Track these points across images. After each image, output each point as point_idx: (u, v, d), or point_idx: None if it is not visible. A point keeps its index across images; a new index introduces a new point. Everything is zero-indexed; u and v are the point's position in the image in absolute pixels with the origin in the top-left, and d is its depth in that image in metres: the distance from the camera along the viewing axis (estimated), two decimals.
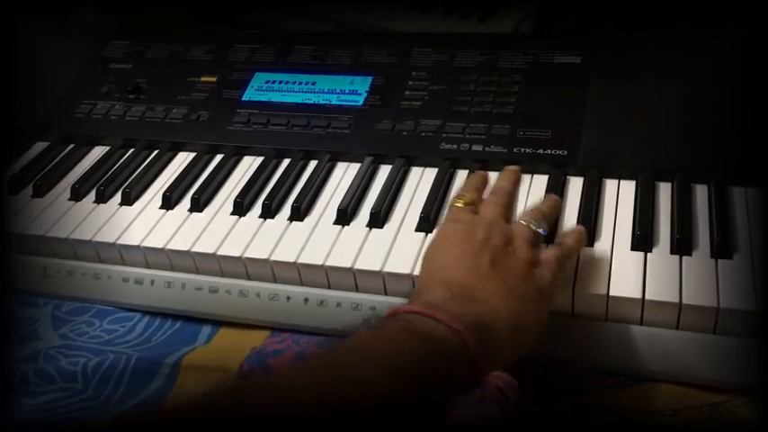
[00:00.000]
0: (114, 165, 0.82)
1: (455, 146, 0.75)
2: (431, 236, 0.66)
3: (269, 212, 0.72)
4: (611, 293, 0.59)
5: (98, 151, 0.85)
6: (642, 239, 0.63)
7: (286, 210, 0.72)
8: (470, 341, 0.47)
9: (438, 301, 0.50)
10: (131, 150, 0.84)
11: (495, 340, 0.49)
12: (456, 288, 0.51)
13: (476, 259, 0.53)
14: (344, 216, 0.70)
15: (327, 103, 0.82)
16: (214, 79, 0.88)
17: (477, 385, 0.49)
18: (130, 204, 0.76)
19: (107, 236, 0.72)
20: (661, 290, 0.58)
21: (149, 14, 1.15)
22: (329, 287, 0.66)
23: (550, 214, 0.61)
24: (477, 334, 0.48)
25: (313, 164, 0.78)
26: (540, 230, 0.58)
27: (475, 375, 0.48)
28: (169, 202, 0.75)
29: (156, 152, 0.83)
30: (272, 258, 0.67)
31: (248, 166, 0.80)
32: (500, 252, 0.54)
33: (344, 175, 0.76)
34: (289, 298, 0.67)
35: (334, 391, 0.42)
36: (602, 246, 0.63)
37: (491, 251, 0.54)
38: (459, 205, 0.60)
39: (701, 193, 0.67)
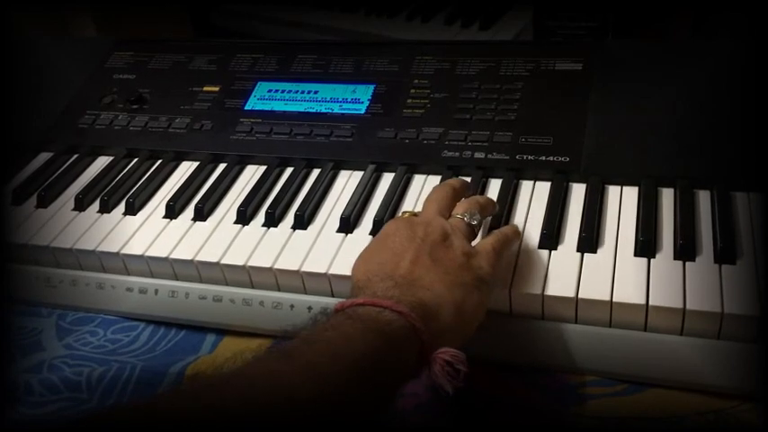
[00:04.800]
0: (118, 175, 0.83)
1: (457, 153, 0.75)
2: None
3: (272, 221, 0.72)
4: (615, 299, 0.59)
5: (102, 161, 0.86)
6: (645, 245, 0.63)
7: (289, 218, 0.73)
8: (416, 322, 0.49)
9: (381, 291, 0.52)
10: (135, 160, 0.84)
11: (439, 323, 0.51)
12: (399, 279, 0.53)
13: (416, 253, 0.55)
14: (347, 224, 0.70)
15: (330, 111, 0.83)
16: (217, 89, 0.88)
17: (427, 365, 0.50)
18: (134, 214, 0.77)
19: (111, 245, 0.72)
20: (665, 296, 0.58)
21: (148, 25, 1.16)
22: (332, 295, 0.66)
23: (485, 206, 0.63)
24: (422, 316, 0.50)
25: (316, 172, 0.78)
26: (473, 222, 0.60)
27: (424, 356, 0.50)
28: (172, 211, 0.76)
29: (159, 162, 0.83)
30: (276, 267, 0.67)
31: (251, 174, 0.80)
32: (438, 246, 0.56)
33: (347, 183, 0.77)
34: (292, 306, 0.67)
35: (291, 381, 0.44)
36: (605, 252, 0.63)
37: (429, 245, 0.56)
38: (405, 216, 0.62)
39: (703, 198, 0.67)
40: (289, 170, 0.79)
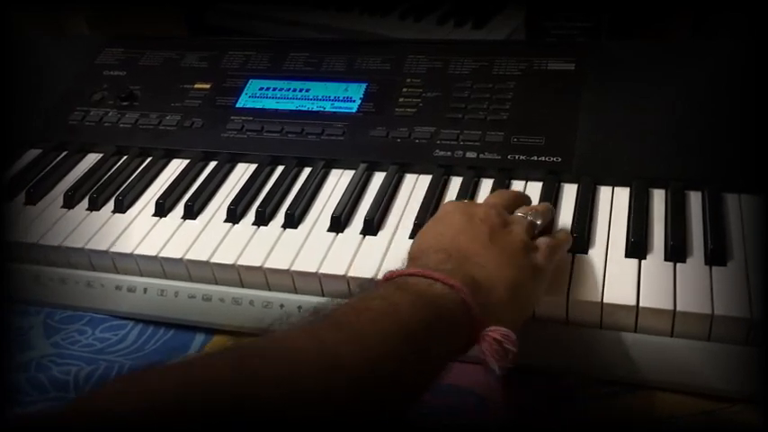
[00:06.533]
0: (107, 172, 0.82)
1: (449, 153, 0.75)
2: None
3: (263, 220, 0.72)
4: (606, 301, 0.59)
5: (91, 158, 0.85)
6: (636, 246, 0.62)
7: (280, 217, 0.72)
8: (468, 297, 0.48)
9: (434, 263, 0.51)
10: (125, 157, 0.84)
11: (491, 300, 0.50)
12: (454, 252, 0.52)
13: (475, 230, 0.54)
14: (338, 223, 0.70)
15: (321, 109, 0.82)
16: (208, 86, 0.88)
17: (476, 341, 0.49)
18: (123, 212, 0.76)
19: (100, 243, 0.72)
20: (655, 297, 0.58)
21: (143, 25, 1.15)
22: (323, 294, 0.66)
23: (545, 212, 0.62)
24: (474, 291, 0.48)
25: (307, 171, 0.78)
26: (537, 221, 0.59)
27: (474, 331, 0.48)
28: (162, 209, 0.75)
29: (149, 159, 0.83)
30: (266, 266, 0.67)
31: (242, 173, 0.79)
32: (498, 229, 0.55)
33: (338, 182, 0.76)
34: (282, 305, 0.67)
35: (339, 351, 0.42)
36: (596, 253, 0.63)
37: (490, 227, 0.55)
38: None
39: (695, 199, 0.67)
40: (280, 168, 0.79)
